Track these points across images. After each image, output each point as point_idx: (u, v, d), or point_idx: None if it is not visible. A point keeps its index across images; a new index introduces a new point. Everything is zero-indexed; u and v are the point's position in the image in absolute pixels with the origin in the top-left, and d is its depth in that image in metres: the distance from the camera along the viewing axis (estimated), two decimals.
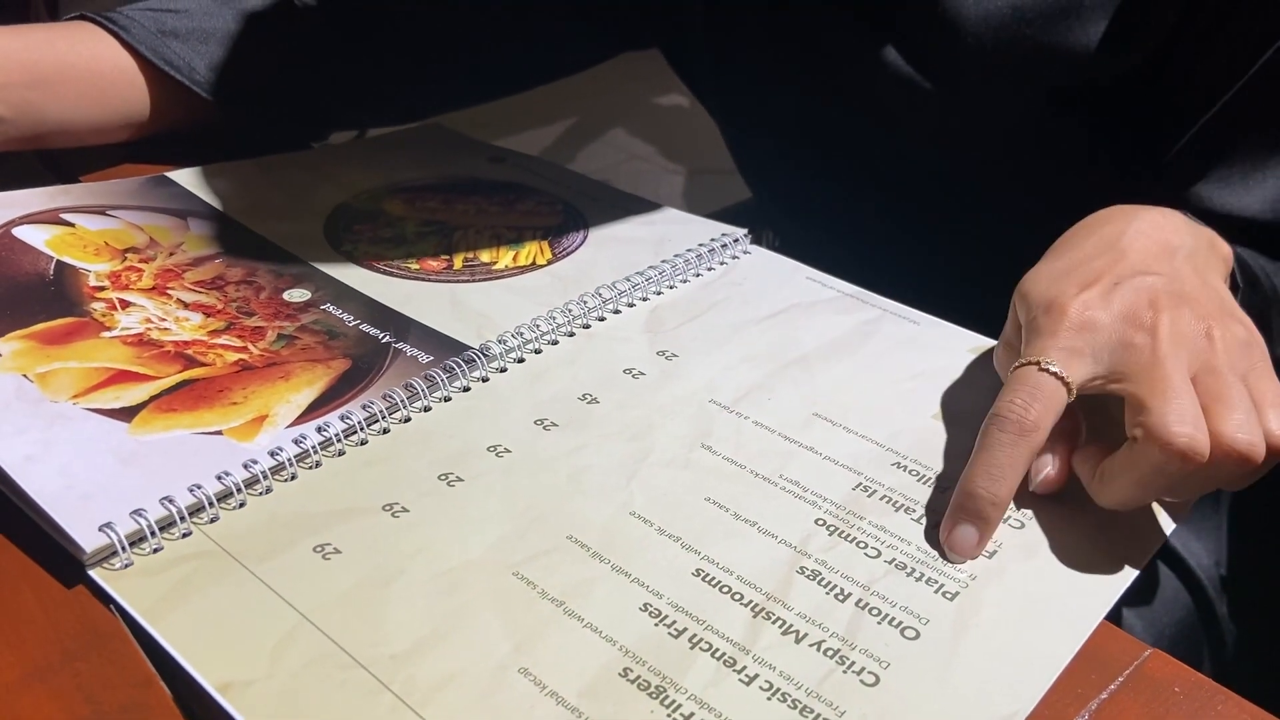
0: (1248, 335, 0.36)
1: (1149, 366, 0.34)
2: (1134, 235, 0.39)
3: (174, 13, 0.60)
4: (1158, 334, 0.35)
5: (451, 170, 0.62)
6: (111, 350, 0.42)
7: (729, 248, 0.54)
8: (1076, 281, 0.37)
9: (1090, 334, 0.36)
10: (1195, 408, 0.33)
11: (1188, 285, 0.37)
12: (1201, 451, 0.32)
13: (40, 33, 0.57)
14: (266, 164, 0.60)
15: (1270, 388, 0.35)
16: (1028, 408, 0.35)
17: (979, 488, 0.34)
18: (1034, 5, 0.52)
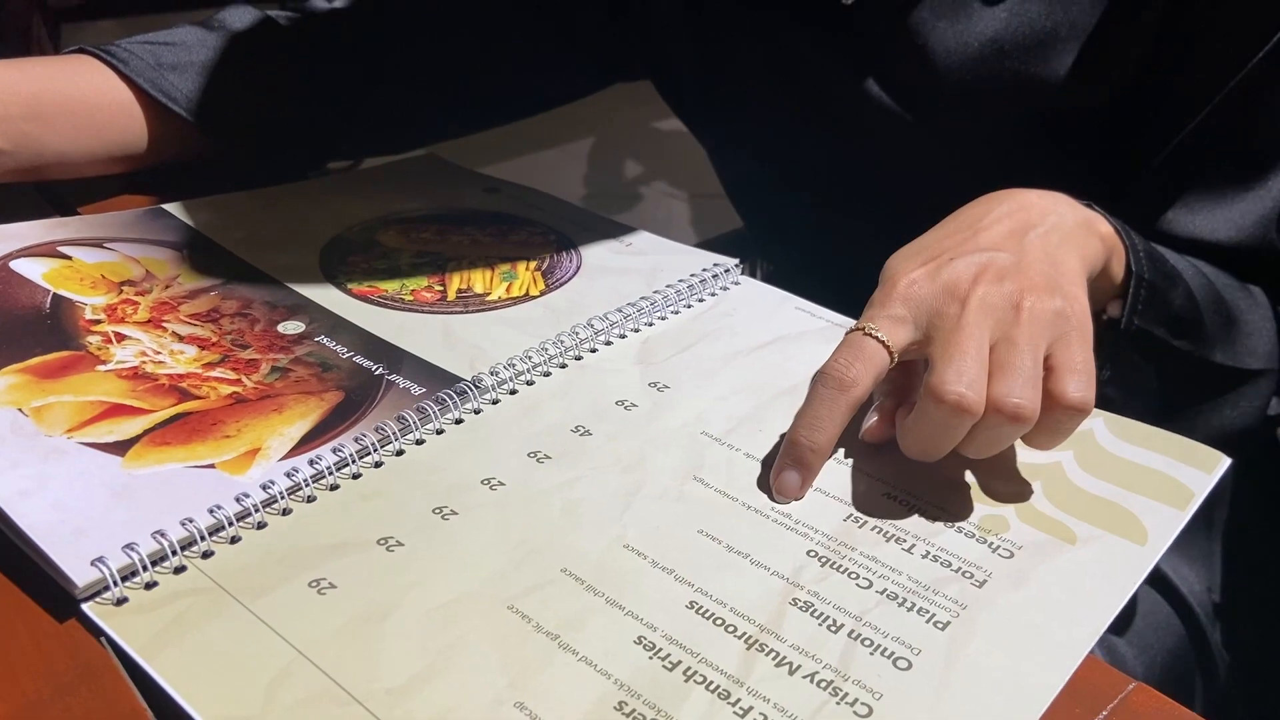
0: (1063, 307, 0.38)
1: (951, 332, 0.38)
2: (995, 217, 0.42)
3: (172, 46, 0.61)
4: (968, 304, 0.38)
5: (446, 201, 0.63)
6: (106, 384, 0.42)
7: (720, 278, 0.54)
8: (920, 258, 0.41)
9: (914, 304, 0.39)
10: (977, 369, 0.36)
11: (1027, 260, 0.40)
12: (973, 404, 0.36)
13: (40, 66, 0.58)
14: (262, 195, 0.61)
15: (1073, 354, 0.38)
16: (849, 366, 0.38)
17: (801, 436, 0.38)
18: (1010, 38, 0.53)
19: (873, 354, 0.39)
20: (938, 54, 0.54)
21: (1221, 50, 0.49)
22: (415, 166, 0.69)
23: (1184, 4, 0.50)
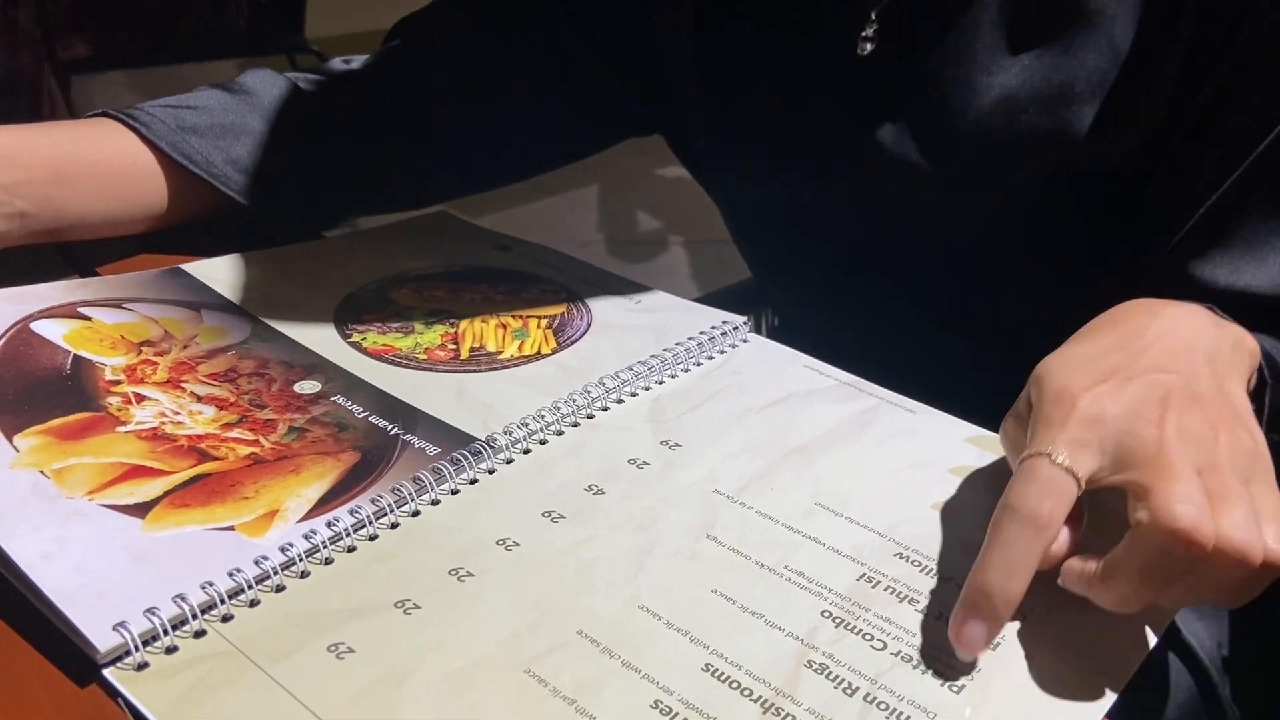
0: (1254, 445, 0.37)
1: (1154, 455, 0.35)
2: (1156, 332, 0.40)
3: (193, 109, 0.62)
4: (1165, 428, 0.35)
5: (458, 259, 0.64)
6: (127, 445, 0.43)
7: (728, 335, 0.55)
8: (1091, 374, 0.38)
9: (1099, 427, 0.36)
10: (1202, 495, 0.33)
11: (1202, 387, 0.38)
12: (1207, 535, 0.32)
13: (63, 129, 0.59)
14: (279, 254, 0.62)
15: (1271, 500, 0.35)
16: (1041, 502, 0.35)
17: (993, 584, 0.34)
18: (1026, 92, 0.53)
19: (1063, 487, 0.35)
20: (953, 106, 0.55)
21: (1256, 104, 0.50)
22: (428, 224, 0.70)
23: (1205, 57, 0.50)
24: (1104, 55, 0.52)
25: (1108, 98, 0.52)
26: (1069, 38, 0.52)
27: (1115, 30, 0.51)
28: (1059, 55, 0.52)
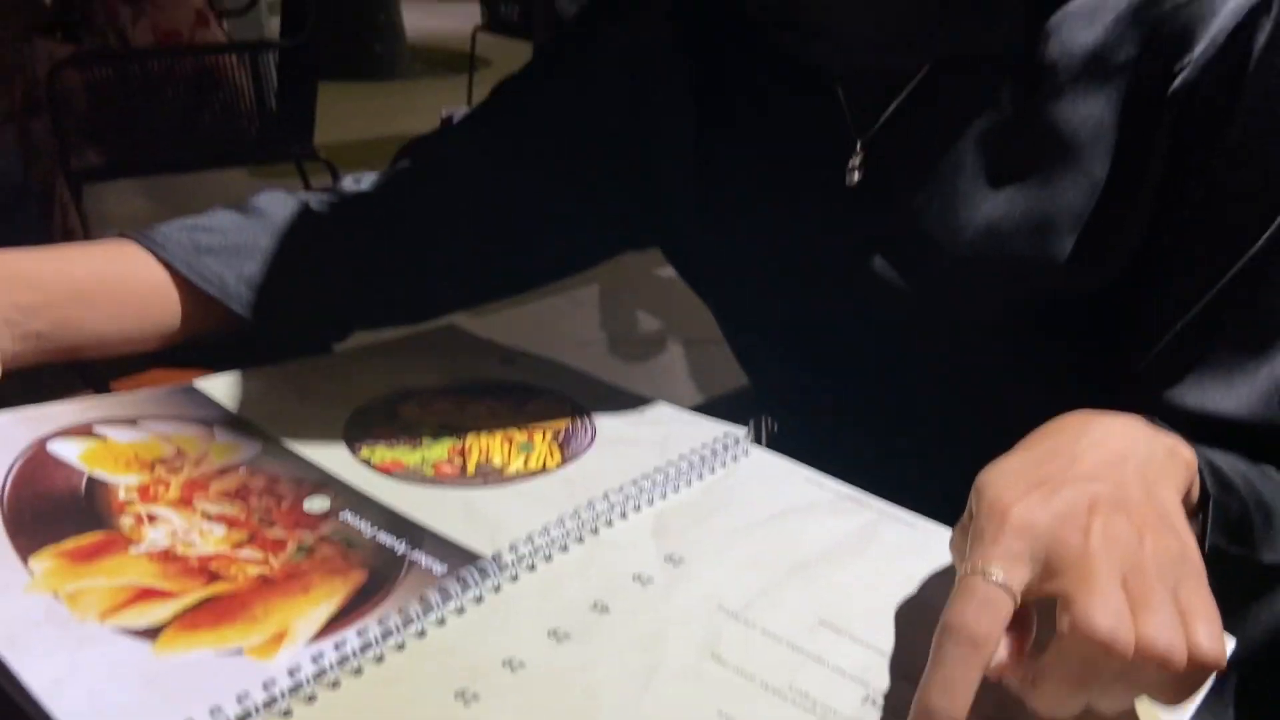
0: (1181, 548, 0.38)
1: (1078, 563, 0.36)
2: (1089, 442, 0.42)
3: (208, 230, 0.64)
4: (1090, 534, 0.37)
5: (464, 372, 0.65)
6: (138, 567, 0.43)
7: (730, 449, 0.56)
8: (1023, 483, 0.39)
9: (1029, 536, 0.37)
10: (1121, 603, 0.34)
11: (1130, 494, 0.39)
12: (1125, 643, 0.33)
13: (81, 251, 0.61)
14: (288, 370, 0.63)
15: (1200, 601, 0.36)
16: (978, 620, 0.36)
17: (935, 703, 0.35)
18: (1008, 223, 0.56)
19: (998, 603, 0.36)
20: (939, 236, 0.57)
21: (1223, 233, 0.52)
22: (434, 338, 0.71)
23: (1179, 190, 0.53)
24: (1082, 189, 0.54)
25: (1086, 229, 0.54)
26: (1048, 172, 0.55)
27: (1092, 165, 0.54)
28: (1039, 188, 0.55)
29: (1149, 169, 0.53)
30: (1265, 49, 0.51)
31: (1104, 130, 0.54)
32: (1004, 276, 0.56)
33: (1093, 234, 0.54)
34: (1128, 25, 0.54)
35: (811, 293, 0.64)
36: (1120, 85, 0.54)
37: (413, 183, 0.72)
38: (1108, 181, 0.54)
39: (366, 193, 0.72)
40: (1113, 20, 0.54)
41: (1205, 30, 0.51)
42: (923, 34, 0.55)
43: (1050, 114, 0.55)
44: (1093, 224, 0.54)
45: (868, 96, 0.60)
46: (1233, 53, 0.51)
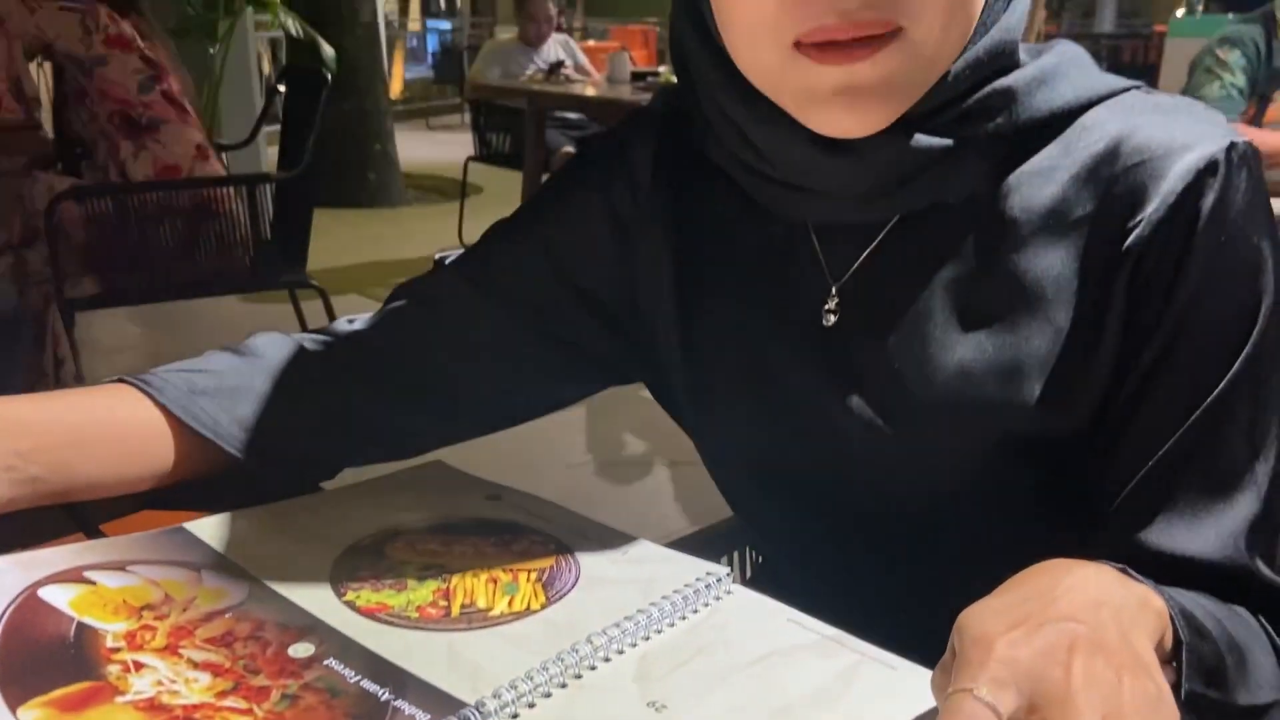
0: (1158, 692, 0.39)
1: (1062, 700, 0.37)
2: (1066, 587, 0.43)
3: (204, 372, 0.66)
4: (1072, 672, 0.38)
5: (450, 510, 0.66)
6: (124, 716, 0.44)
7: (712, 588, 0.57)
8: (1006, 620, 0.41)
9: (1014, 668, 0.39)
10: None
11: (1108, 636, 0.41)
12: None
13: (78, 397, 0.63)
14: (277, 510, 0.64)
15: None
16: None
17: None
18: (978, 366, 0.58)
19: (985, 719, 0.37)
20: (912, 377, 0.60)
21: (1183, 381, 0.55)
22: (422, 474, 0.73)
23: (1139, 340, 0.56)
24: (1047, 335, 0.57)
25: (1053, 374, 0.57)
26: (1014, 318, 0.58)
27: (1056, 313, 0.57)
28: (1007, 334, 0.58)
29: (1109, 318, 0.56)
30: (1213, 208, 0.54)
31: (1065, 281, 0.57)
32: (976, 418, 0.59)
33: (1059, 379, 0.57)
34: (1083, 184, 0.58)
35: (791, 430, 0.66)
36: (1079, 239, 0.57)
37: (405, 323, 0.75)
38: (1071, 329, 0.57)
39: (360, 333, 0.74)
40: (1069, 179, 0.58)
41: (1156, 190, 0.55)
42: (893, 192, 0.59)
43: (1014, 264, 0.59)
44: (1059, 369, 0.57)
45: (841, 244, 0.64)
46: (1183, 212, 0.54)
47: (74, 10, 2.44)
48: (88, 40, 2.43)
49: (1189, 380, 0.55)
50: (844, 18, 0.51)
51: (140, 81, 2.48)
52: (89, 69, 2.46)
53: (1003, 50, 0.57)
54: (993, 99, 0.57)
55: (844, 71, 0.53)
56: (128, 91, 2.47)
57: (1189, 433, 0.54)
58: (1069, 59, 0.60)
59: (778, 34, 0.53)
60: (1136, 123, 0.57)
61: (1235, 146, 0.55)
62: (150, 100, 2.48)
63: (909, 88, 0.54)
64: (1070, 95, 0.59)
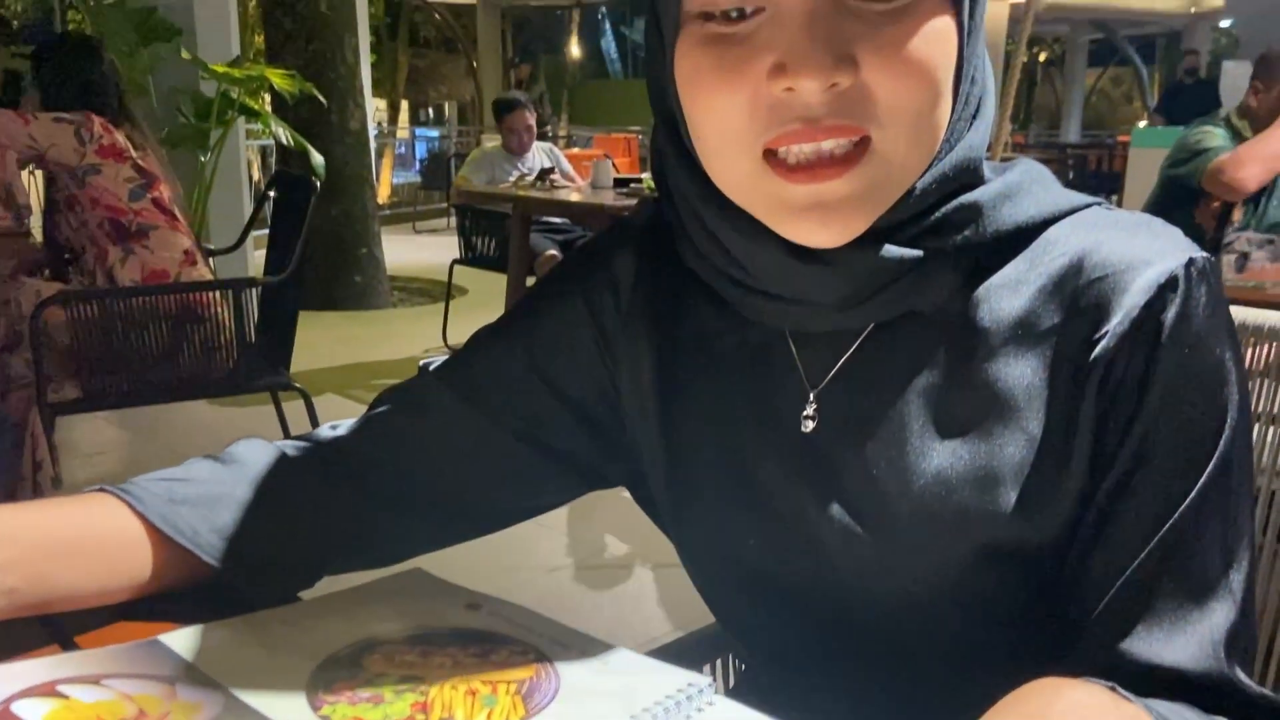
0: None
1: None
2: (1059, 713, 0.44)
3: (185, 481, 0.67)
4: None
5: (429, 620, 0.66)
6: None
7: (694, 699, 0.57)
8: None
9: None
10: None
11: None
12: None
13: (58, 507, 0.63)
14: (254, 620, 0.64)
15: None
16: None
17: None
18: (957, 473, 0.59)
19: None
20: (889, 483, 0.61)
21: (1155, 492, 0.56)
22: (400, 583, 0.72)
23: (1110, 450, 0.57)
24: (1020, 444, 0.58)
25: (1027, 482, 0.58)
26: (989, 426, 0.59)
27: (1028, 422, 0.59)
28: (981, 443, 0.59)
29: (1080, 428, 0.57)
30: (1175, 322, 0.56)
31: (1036, 390, 0.59)
32: (954, 526, 0.59)
33: (1033, 487, 0.58)
34: (1049, 296, 0.60)
35: (772, 535, 0.66)
36: (1048, 350, 0.59)
37: (388, 430, 0.75)
38: (1043, 438, 0.58)
39: (342, 440, 0.75)
40: (1036, 291, 0.60)
41: (1120, 304, 0.57)
42: (867, 301, 0.61)
43: (986, 373, 0.60)
44: (1033, 478, 0.58)
45: (818, 351, 0.65)
46: (1146, 326, 0.56)
47: (69, 122, 2.50)
48: (81, 150, 2.48)
49: (1161, 491, 0.56)
50: (811, 124, 0.53)
51: (131, 190, 2.53)
52: (81, 177, 2.51)
53: (967, 166, 0.60)
54: (960, 213, 0.59)
55: (814, 189, 0.55)
56: (119, 199, 2.51)
57: (1163, 543, 0.55)
58: (1032, 176, 0.63)
59: (748, 143, 0.55)
60: (1099, 238, 0.60)
61: (1194, 262, 0.57)
62: (140, 208, 2.53)
63: (878, 201, 0.57)
64: (1034, 211, 0.61)
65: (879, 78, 0.53)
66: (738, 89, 0.55)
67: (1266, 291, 1.92)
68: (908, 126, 0.55)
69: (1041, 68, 23.64)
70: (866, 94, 0.54)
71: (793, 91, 0.53)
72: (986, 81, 0.61)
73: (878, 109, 0.54)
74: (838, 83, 0.53)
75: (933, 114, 0.56)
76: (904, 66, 0.54)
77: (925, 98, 0.55)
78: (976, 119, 0.60)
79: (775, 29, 0.54)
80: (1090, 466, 0.57)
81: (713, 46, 0.55)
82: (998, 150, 2.61)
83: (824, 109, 0.53)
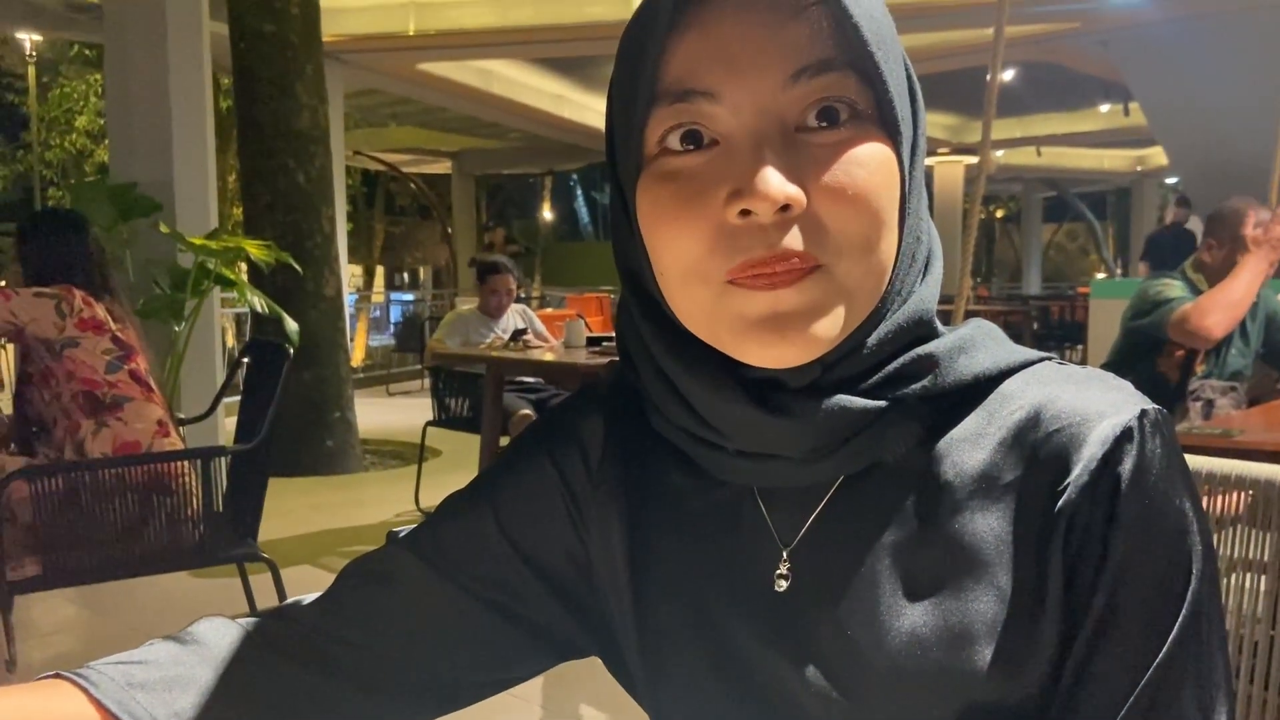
0: None
1: None
2: None
3: (144, 664, 0.64)
4: None
5: None
6: None
7: None
8: None
9: None
10: None
11: None
12: None
13: (13, 695, 0.60)
14: None
15: None
16: None
17: None
18: (930, 632, 0.59)
19: None
20: (863, 644, 0.60)
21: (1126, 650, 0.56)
22: None
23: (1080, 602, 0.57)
24: (992, 598, 0.58)
25: (1001, 638, 0.57)
26: (959, 582, 0.59)
27: (998, 576, 0.58)
28: (953, 601, 0.59)
29: (1050, 582, 0.57)
30: (1132, 474, 0.57)
31: (1003, 544, 0.59)
32: (931, 687, 0.58)
33: (1008, 644, 0.57)
34: (1009, 450, 0.60)
35: (747, 700, 0.65)
36: (1011, 503, 0.60)
37: (355, 605, 0.73)
38: (1014, 591, 0.58)
39: (307, 616, 0.73)
40: (996, 444, 0.61)
41: (1078, 456, 0.58)
42: (832, 453, 0.61)
43: (952, 528, 0.60)
44: (1006, 634, 0.57)
45: (787, 508, 0.65)
46: (1105, 478, 0.57)
47: (49, 296, 2.52)
48: (60, 324, 2.49)
49: (1133, 646, 0.55)
50: (770, 249, 0.56)
51: (109, 362, 2.53)
52: (59, 351, 2.51)
53: (920, 319, 0.61)
54: (916, 364, 0.61)
55: (771, 298, 0.56)
56: (95, 371, 2.51)
57: (1140, 700, 0.54)
58: (984, 331, 0.65)
59: (710, 273, 0.57)
60: (1052, 392, 0.61)
61: (1147, 413, 0.59)
62: (116, 379, 2.53)
63: (831, 317, 0.58)
64: (989, 363, 0.63)
65: (827, 206, 0.56)
66: (697, 218, 0.57)
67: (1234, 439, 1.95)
68: (857, 256, 0.57)
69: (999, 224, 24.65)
70: (817, 223, 0.56)
71: (749, 215, 0.55)
72: (933, 243, 0.64)
73: (828, 238, 0.56)
74: (789, 205, 0.55)
75: (879, 245, 0.58)
76: (849, 195, 0.56)
77: (871, 227, 0.57)
78: (926, 275, 0.63)
79: (729, 161, 0.57)
80: (1062, 622, 0.57)
81: (671, 181, 0.58)
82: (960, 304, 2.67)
83: (779, 234, 0.56)
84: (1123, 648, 0.55)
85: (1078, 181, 18.10)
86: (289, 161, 5.57)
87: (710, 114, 0.58)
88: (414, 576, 0.74)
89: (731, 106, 0.57)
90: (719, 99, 0.57)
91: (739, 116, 0.57)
